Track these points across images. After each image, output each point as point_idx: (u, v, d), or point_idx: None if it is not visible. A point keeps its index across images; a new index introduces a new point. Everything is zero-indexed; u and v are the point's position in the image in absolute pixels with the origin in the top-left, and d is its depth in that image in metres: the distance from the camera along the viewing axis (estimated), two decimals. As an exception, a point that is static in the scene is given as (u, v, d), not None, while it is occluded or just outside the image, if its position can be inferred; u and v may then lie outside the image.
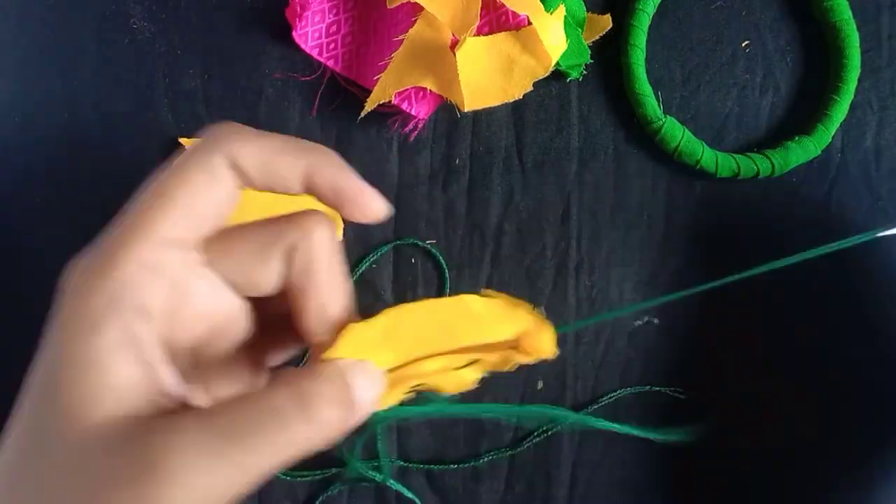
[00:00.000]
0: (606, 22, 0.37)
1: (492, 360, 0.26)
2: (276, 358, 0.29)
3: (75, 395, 0.20)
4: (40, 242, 0.37)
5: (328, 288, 0.25)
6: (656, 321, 0.38)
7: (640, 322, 0.37)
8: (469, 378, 0.26)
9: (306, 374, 0.22)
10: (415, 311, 0.26)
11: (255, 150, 0.24)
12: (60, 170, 0.38)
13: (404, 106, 0.36)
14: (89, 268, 0.22)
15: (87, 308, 0.21)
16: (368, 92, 0.36)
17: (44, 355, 0.22)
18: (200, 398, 0.26)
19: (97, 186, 0.37)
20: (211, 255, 0.25)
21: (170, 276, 0.23)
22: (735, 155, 0.37)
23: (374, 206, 0.25)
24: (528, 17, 0.34)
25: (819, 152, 0.37)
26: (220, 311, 0.26)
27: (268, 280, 0.25)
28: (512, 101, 0.35)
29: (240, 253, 0.25)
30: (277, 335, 0.28)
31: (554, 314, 0.37)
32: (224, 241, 0.25)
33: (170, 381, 0.22)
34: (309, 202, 0.33)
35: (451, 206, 0.38)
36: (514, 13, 0.35)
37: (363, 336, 0.24)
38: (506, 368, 0.26)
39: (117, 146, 0.38)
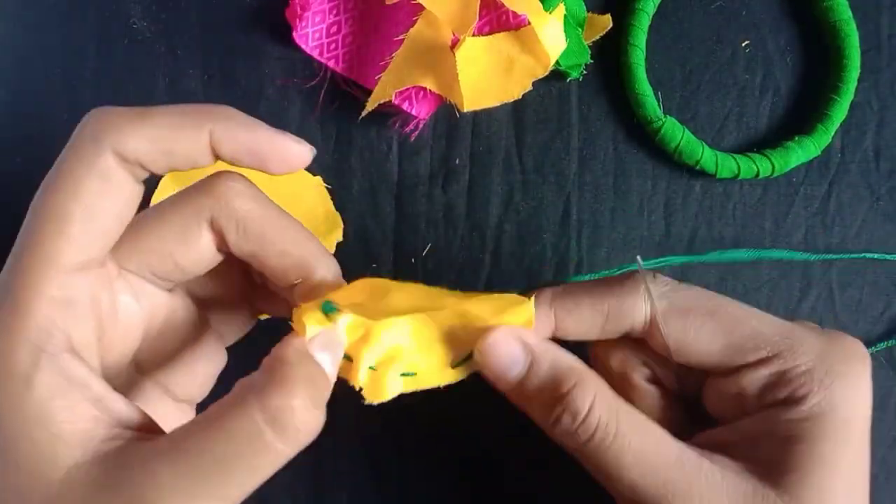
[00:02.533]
0: (606, 22, 0.37)
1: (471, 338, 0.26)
2: (238, 325, 0.29)
3: (30, 457, 0.19)
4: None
5: (279, 238, 0.24)
6: (656, 321, 0.38)
7: (640, 322, 0.38)
8: (456, 376, 0.26)
9: (274, 387, 0.20)
10: (396, 285, 0.26)
11: (144, 134, 0.22)
12: (60, 170, 0.37)
13: (405, 106, 0.36)
14: (0, 319, 0.20)
15: (13, 365, 0.19)
16: (368, 92, 0.36)
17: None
18: (163, 405, 0.26)
19: (97, 186, 0.37)
20: (124, 256, 0.23)
21: (87, 303, 0.21)
22: (735, 155, 0.37)
23: (294, 152, 0.23)
24: (527, 16, 0.34)
25: (819, 152, 0.37)
26: (154, 313, 0.25)
27: (197, 260, 0.24)
28: (512, 101, 0.35)
29: (156, 244, 0.23)
30: (230, 304, 0.28)
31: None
32: (134, 236, 0.23)
33: (122, 408, 0.21)
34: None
35: (451, 206, 0.38)
36: (514, 13, 0.35)
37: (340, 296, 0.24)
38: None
39: (117, 146, 0.38)
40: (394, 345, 0.25)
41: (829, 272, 0.38)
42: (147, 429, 0.21)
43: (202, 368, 0.27)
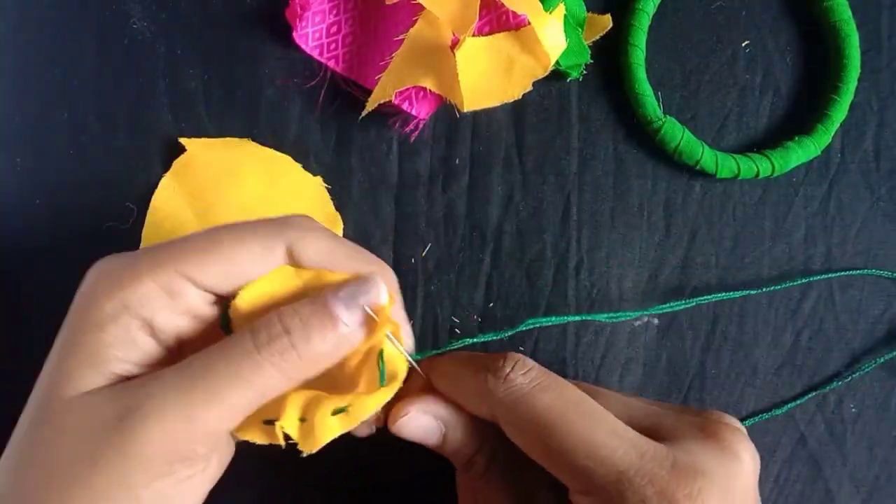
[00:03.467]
0: (606, 22, 0.37)
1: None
2: None
3: (76, 377, 0.23)
4: (40, 242, 0.37)
5: (345, 266, 0.26)
6: (656, 321, 0.38)
7: (639, 322, 0.37)
8: (387, 394, 0.26)
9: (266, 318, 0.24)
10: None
11: (320, 251, 0.25)
12: (59, 169, 0.38)
13: (405, 106, 0.36)
14: (111, 274, 0.24)
15: (99, 308, 0.23)
16: (368, 92, 0.36)
17: (57, 342, 0.24)
18: None
19: (97, 186, 0.37)
20: (196, 268, 0.26)
21: (185, 305, 0.25)
22: (735, 155, 0.37)
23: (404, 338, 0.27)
24: (527, 16, 0.34)
25: (819, 152, 0.37)
26: (200, 322, 0.27)
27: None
28: (512, 101, 0.35)
29: (232, 261, 0.25)
30: None
31: (554, 314, 0.37)
32: (209, 252, 0.25)
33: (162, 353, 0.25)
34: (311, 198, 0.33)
35: (451, 206, 0.38)
36: (513, 13, 0.35)
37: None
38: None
39: (117, 146, 0.38)
40: (313, 390, 0.25)
41: (830, 271, 0.38)
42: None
43: None
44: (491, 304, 0.37)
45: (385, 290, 0.25)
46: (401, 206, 0.38)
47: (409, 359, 0.27)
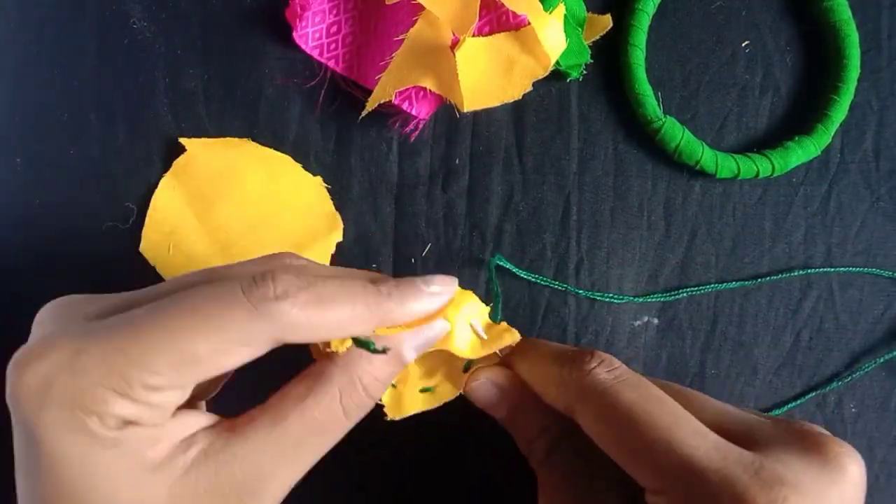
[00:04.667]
0: (606, 22, 0.37)
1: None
2: None
3: (128, 493, 0.21)
4: (39, 243, 0.37)
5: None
6: (656, 321, 0.38)
7: (639, 322, 0.37)
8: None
9: (350, 383, 0.25)
10: None
11: (310, 329, 0.22)
12: (59, 169, 0.38)
13: (405, 106, 0.36)
14: (74, 406, 0.20)
15: (86, 442, 0.20)
16: (368, 92, 0.36)
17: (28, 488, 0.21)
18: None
19: (97, 186, 0.37)
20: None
21: (164, 406, 0.22)
22: (735, 155, 0.37)
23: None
24: (527, 16, 0.34)
25: (819, 152, 0.37)
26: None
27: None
28: (512, 101, 0.35)
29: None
30: None
31: (554, 314, 0.37)
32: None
33: (192, 424, 0.23)
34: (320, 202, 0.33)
35: (451, 206, 0.38)
36: (514, 13, 0.35)
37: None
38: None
39: (117, 146, 0.38)
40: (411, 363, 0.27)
41: (830, 272, 0.38)
42: (220, 425, 0.24)
43: (224, 376, 0.28)
44: (491, 304, 0.37)
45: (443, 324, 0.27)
46: (401, 206, 0.38)
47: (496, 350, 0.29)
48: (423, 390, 0.28)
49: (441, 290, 0.26)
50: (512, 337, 0.29)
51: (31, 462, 0.21)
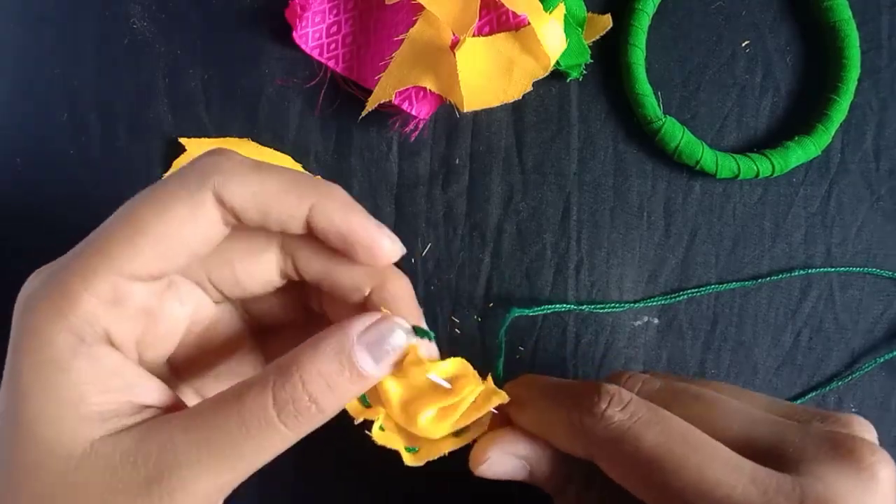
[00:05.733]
0: (606, 22, 0.37)
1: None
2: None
3: (51, 434, 0.20)
4: (40, 241, 0.37)
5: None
6: (656, 321, 0.38)
7: (639, 322, 0.37)
8: (455, 444, 0.26)
9: (293, 378, 0.21)
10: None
11: (249, 187, 0.22)
12: (59, 169, 0.38)
13: (405, 106, 0.36)
14: (48, 304, 0.21)
15: (52, 350, 0.21)
16: (368, 92, 0.36)
17: (13, 390, 0.21)
18: (190, 400, 0.26)
19: (97, 186, 0.37)
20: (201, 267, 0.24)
21: (133, 307, 0.22)
22: (735, 155, 0.37)
23: (384, 248, 0.24)
24: (527, 16, 0.34)
25: (819, 152, 0.37)
26: (196, 320, 0.26)
27: (259, 280, 0.25)
28: (512, 101, 0.35)
29: (223, 257, 0.24)
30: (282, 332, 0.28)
31: (554, 314, 0.37)
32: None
33: (153, 393, 0.22)
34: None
35: (451, 206, 0.38)
36: (513, 13, 0.35)
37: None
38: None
39: (117, 146, 0.38)
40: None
41: (830, 272, 0.38)
42: (176, 409, 0.23)
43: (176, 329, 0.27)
44: (491, 304, 0.37)
45: (405, 331, 0.23)
46: (401, 206, 0.38)
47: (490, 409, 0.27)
48: (408, 450, 0.25)
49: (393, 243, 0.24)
50: (500, 398, 0.26)
51: (4, 375, 0.21)
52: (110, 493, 0.20)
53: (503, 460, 0.26)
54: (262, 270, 0.25)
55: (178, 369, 0.27)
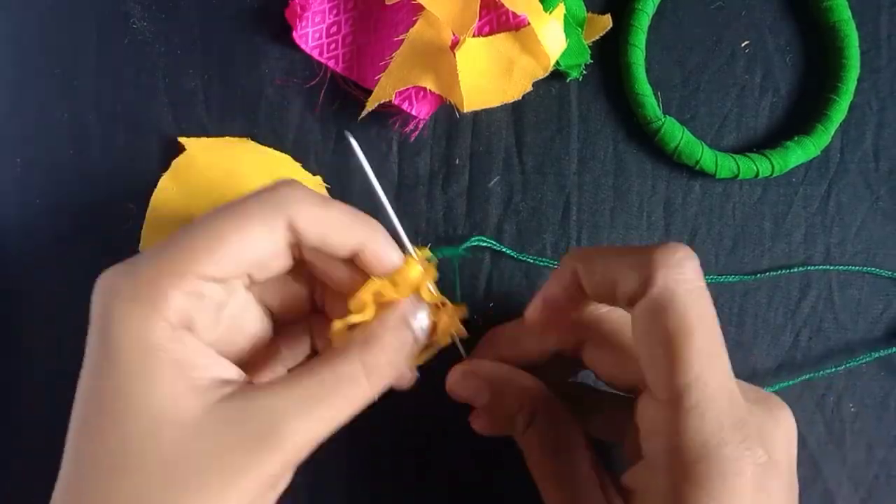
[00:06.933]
0: (606, 22, 0.37)
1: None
2: (288, 361, 0.32)
3: (163, 405, 0.24)
4: (40, 241, 0.37)
5: (343, 220, 0.28)
6: (656, 321, 0.38)
7: (639, 322, 0.37)
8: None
9: (374, 346, 0.27)
10: None
11: (317, 220, 0.27)
12: (60, 170, 0.38)
13: (405, 106, 0.36)
14: (144, 300, 0.24)
15: (153, 335, 0.24)
16: (368, 92, 0.36)
17: (112, 377, 0.24)
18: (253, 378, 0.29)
19: (97, 186, 0.37)
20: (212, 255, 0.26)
21: (211, 301, 0.26)
22: (735, 155, 0.37)
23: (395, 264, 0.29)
24: (527, 17, 0.34)
25: (819, 152, 0.37)
26: (245, 318, 0.30)
27: (274, 257, 0.28)
28: (511, 101, 0.35)
29: (242, 239, 0.26)
30: (291, 339, 0.33)
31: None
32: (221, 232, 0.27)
33: (234, 369, 0.26)
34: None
35: (451, 206, 0.38)
36: (513, 13, 0.35)
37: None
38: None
39: (117, 146, 0.38)
40: None
41: (829, 272, 0.38)
42: (250, 384, 0.26)
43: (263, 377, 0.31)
44: (491, 304, 0.37)
45: (424, 308, 0.29)
46: (401, 206, 0.38)
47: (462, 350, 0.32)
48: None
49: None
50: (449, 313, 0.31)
51: (96, 359, 0.24)
52: (227, 450, 0.23)
53: (470, 379, 0.31)
54: (278, 248, 0.27)
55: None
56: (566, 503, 0.29)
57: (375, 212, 0.37)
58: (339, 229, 0.27)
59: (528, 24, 0.34)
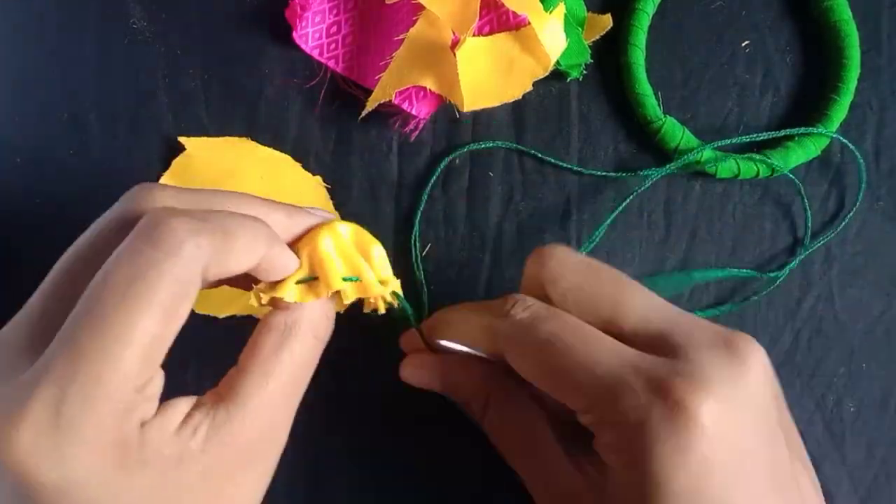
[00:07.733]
0: (606, 21, 0.37)
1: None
2: None
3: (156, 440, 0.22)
4: (39, 242, 0.37)
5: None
6: (656, 321, 0.38)
7: (639, 322, 0.38)
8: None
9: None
10: None
11: (224, 260, 0.24)
12: (59, 169, 0.38)
13: (405, 106, 0.36)
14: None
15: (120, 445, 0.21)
16: (368, 92, 0.36)
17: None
18: None
19: (97, 186, 0.37)
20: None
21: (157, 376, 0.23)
22: (735, 155, 0.37)
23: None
24: (527, 16, 0.34)
25: (819, 152, 0.37)
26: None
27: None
28: (512, 101, 0.35)
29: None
30: None
31: (554, 314, 0.37)
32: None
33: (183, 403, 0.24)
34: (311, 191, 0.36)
35: (451, 206, 0.38)
36: (514, 13, 0.35)
37: None
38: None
39: (117, 146, 0.38)
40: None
41: (830, 271, 0.38)
42: (207, 399, 0.25)
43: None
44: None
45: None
46: (401, 206, 0.38)
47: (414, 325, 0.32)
48: (346, 279, 0.28)
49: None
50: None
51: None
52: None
53: (417, 371, 0.32)
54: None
55: None
56: (536, 476, 0.29)
57: (376, 214, 0.38)
58: (247, 256, 0.25)
59: (529, 23, 0.34)
